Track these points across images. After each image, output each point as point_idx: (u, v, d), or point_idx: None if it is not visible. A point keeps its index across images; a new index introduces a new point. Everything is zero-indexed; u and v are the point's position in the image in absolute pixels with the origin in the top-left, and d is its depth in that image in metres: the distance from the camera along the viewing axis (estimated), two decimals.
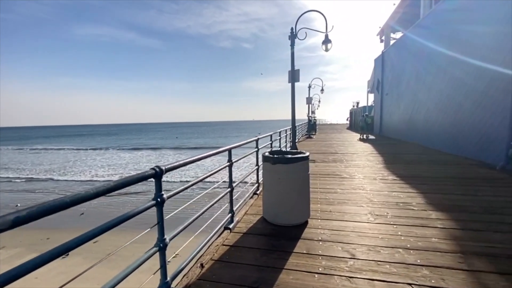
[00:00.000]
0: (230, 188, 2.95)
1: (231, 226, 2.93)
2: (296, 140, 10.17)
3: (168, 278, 1.73)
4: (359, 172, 5.99)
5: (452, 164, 6.78)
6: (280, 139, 7.08)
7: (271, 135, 5.66)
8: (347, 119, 35.63)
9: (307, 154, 3.15)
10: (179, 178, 13.37)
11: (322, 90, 19.08)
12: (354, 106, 32.16)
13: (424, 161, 7.35)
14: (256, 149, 4.16)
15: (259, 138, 4.16)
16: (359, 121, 16.36)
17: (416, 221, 3.10)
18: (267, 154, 3.19)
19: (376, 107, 18.69)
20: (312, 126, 18.68)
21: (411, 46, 12.22)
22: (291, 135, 8.70)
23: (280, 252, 2.44)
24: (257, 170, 4.26)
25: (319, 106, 27.43)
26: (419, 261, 2.23)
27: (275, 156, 3.04)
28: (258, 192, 4.30)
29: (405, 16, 14.74)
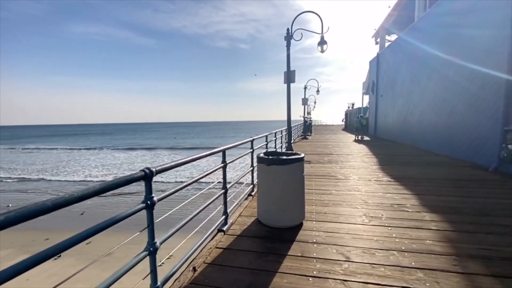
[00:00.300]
0: (224, 190, 2.90)
1: (225, 228, 2.88)
2: (292, 141, 10.16)
3: (159, 283, 1.68)
4: (354, 173, 6.00)
5: (445, 166, 6.84)
6: (275, 139, 7.06)
7: (267, 136, 5.63)
8: (342, 120, 35.84)
9: (302, 155, 3.12)
10: (174, 178, 13.25)
11: (318, 91, 19.15)
12: (349, 108, 32.36)
13: (418, 162, 7.41)
14: (252, 149, 4.12)
15: (254, 139, 4.12)
16: (354, 122, 16.47)
17: (411, 223, 3.10)
18: (262, 155, 3.15)
19: (371, 108, 18.82)
20: (307, 127, 18.73)
21: (406, 48, 12.33)
22: (286, 136, 8.69)
23: (275, 255, 2.41)
24: (252, 171, 4.22)
25: (314, 107, 27.55)
26: (413, 263, 2.22)
27: (270, 157, 3.01)
28: (253, 193, 4.26)
29: (400, 19, 14.87)
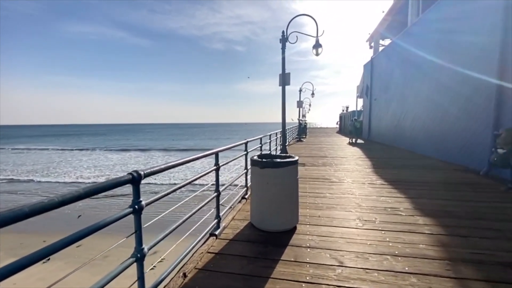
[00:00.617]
0: (216, 193, 2.85)
1: (217, 233, 2.83)
2: (287, 143, 10.15)
3: None
4: (348, 176, 6.01)
5: (438, 169, 6.90)
6: (270, 142, 7.03)
7: (261, 138, 5.60)
8: (337, 123, 36.10)
9: (296, 158, 3.10)
10: (168, 180, 13.08)
11: (313, 94, 19.27)
12: (343, 111, 32.59)
13: (411, 166, 7.47)
14: (246, 152, 4.07)
15: (248, 141, 4.08)
16: (349, 125, 16.59)
17: (404, 226, 3.10)
18: (255, 158, 3.10)
19: (365, 112, 18.99)
20: (302, 130, 18.78)
21: (399, 52, 12.49)
22: (281, 138, 8.67)
23: (267, 260, 2.36)
24: (246, 173, 4.18)
25: (309, 109, 27.69)
26: (407, 268, 2.21)
27: (263, 160, 2.97)
28: (246, 196, 4.22)
29: (393, 24, 15.08)
